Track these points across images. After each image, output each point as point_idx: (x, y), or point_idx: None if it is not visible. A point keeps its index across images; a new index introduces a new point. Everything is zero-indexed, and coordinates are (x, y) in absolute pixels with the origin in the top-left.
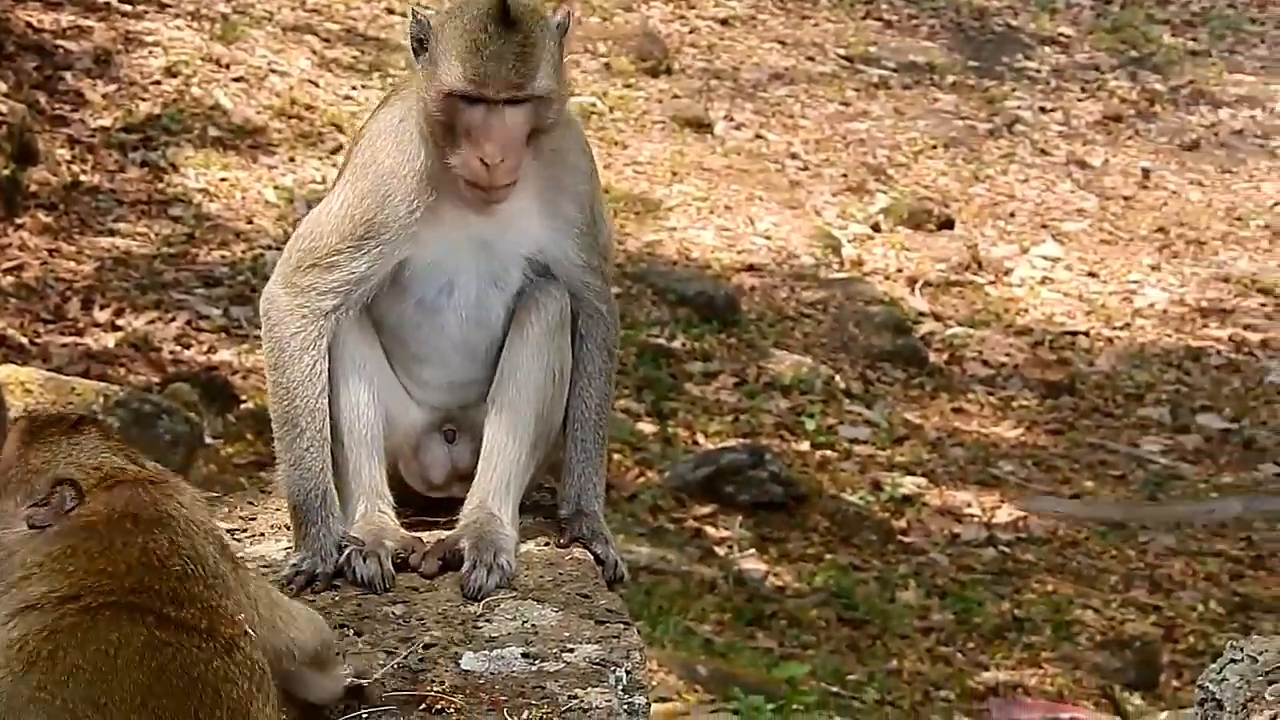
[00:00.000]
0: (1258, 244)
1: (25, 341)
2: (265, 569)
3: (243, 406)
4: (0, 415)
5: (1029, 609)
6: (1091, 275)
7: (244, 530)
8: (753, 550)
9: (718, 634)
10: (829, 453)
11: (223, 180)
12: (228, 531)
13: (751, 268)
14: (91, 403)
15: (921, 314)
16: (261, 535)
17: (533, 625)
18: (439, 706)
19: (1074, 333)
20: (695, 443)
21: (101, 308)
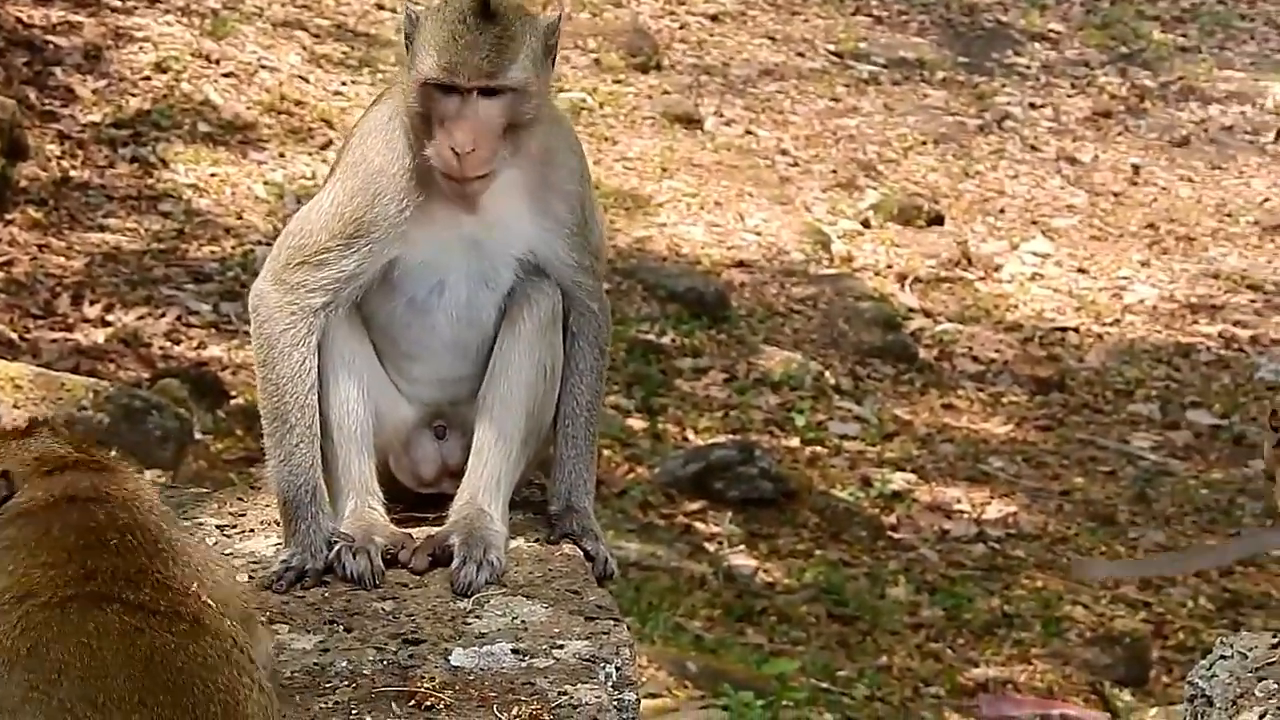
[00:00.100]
0: (1247, 240)
1: (15, 337)
2: (255, 565)
3: (232, 402)
4: None
5: (1019, 605)
6: (1081, 271)
7: (234, 526)
8: (742, 546)
9: (707, 630)
10: (819, 449)
11: (213, 176)
12: (217, 528)
13: (741, 264)
14: (81, 398)
15: (911, 310)
16: (251, 531)
17: (522, 621)
18: (428, 702)
19: (1064, 329)
20: (685, 439)
21: (91, 303)
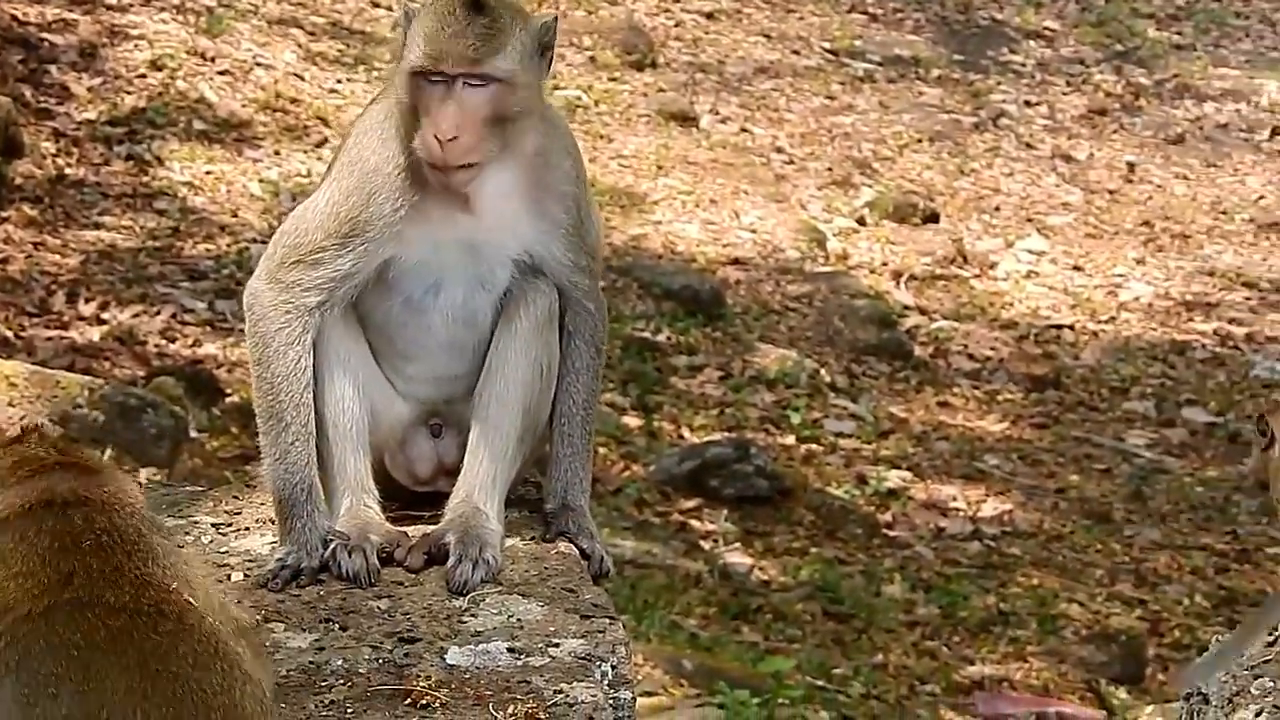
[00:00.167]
0: (1242, 238)
1: (10, 335)
2: (250, 563)
3: (228, 400)
4: None
5: (1014, 603)
6: (1076, 269)
7: (229, 524)
8: (738, 544)
9: (703, 628)
10: (814, 446)
11: (208, 174)
12: (212, 526)
13: (737, 261)
14: (76, 396)
15: (906, 308)
16: (247, 529)
17: (518, 620)
18: (424, 701)
19: (1059, 326)
20: (680, 436)
21: (86, 301)
